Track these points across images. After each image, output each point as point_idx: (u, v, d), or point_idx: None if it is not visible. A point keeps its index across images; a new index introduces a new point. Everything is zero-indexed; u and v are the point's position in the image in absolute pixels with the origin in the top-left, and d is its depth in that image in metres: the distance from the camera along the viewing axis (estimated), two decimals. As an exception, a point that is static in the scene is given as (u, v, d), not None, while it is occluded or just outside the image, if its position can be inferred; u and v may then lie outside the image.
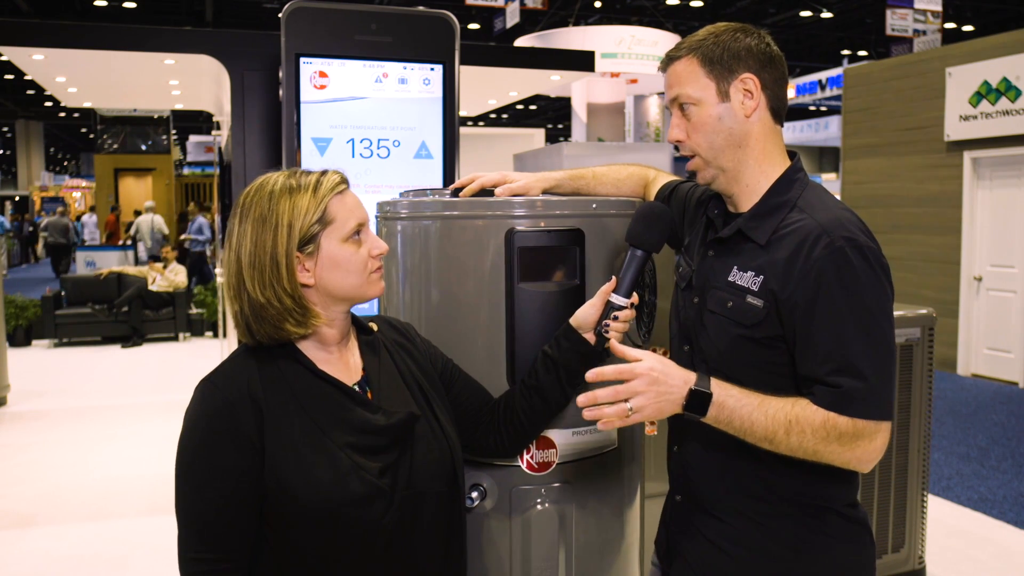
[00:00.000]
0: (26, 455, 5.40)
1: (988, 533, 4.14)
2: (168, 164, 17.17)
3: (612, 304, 1.46)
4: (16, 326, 9.20)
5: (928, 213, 8.25)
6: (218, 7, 16.93)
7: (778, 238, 1.37)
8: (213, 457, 1.24)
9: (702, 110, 1.42)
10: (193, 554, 1.24)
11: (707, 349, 1.44)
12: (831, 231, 1.32)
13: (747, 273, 1.39)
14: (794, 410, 1.29)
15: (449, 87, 3.25)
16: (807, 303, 1.31)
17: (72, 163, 40.52)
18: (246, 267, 1.28)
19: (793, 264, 1.33)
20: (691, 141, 1.45)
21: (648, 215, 1.50)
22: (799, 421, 1.28)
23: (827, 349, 1.30)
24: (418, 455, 1.34)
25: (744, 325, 1.38)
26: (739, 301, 1.38)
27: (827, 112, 24.20)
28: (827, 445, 1.28)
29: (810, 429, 1.28)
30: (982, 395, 7.10)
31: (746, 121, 1.42)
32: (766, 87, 1.42)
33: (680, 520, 1.54)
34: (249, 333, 1.31)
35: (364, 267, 1.33)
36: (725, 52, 1.41)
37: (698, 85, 1.42)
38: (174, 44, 5.46)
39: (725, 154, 1.43)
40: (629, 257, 1.48)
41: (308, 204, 1.29)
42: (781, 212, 1.40)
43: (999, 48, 7.55)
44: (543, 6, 13.04)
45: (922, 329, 3.16)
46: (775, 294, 1.34)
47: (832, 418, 1.28)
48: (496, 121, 26.02)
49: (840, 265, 1.30)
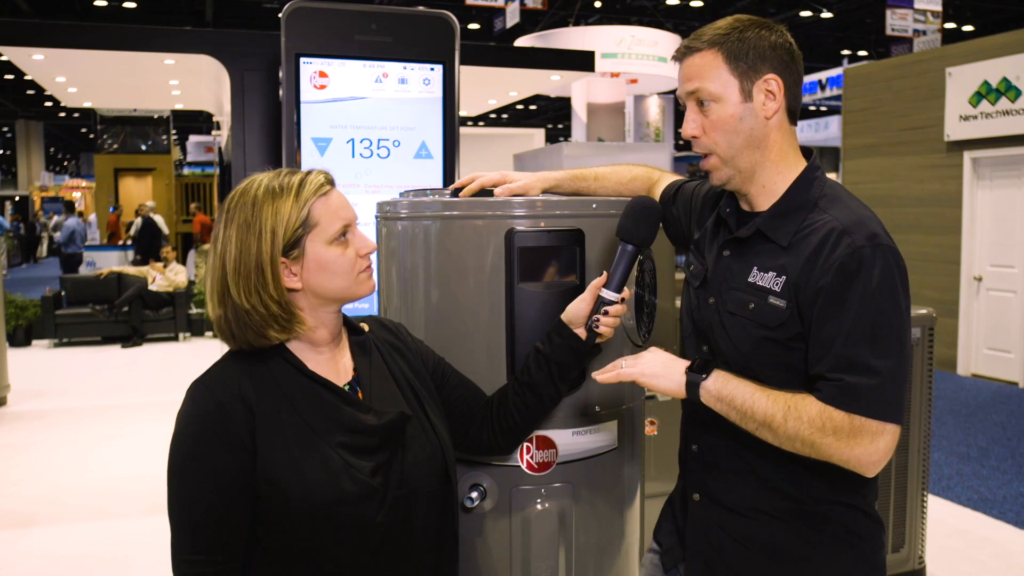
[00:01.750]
0: (26, 455, 5.40)
1: (988, 533, 4.14)
2: (168, 164, 17.15)
3: (603, 299, 1.46)
4: (16, 326, 9.20)
5: (928, 213, 8.25)
6: (218, 7, 16.92)
7: (800, 239, 1.35)
8: (205, 459, 1.24)
9: (723, 108, 1.38)
10: (186, 556, 1.24)
11: (727, 351, 1.42)
12: (853, 231, 1.31)
13: (768, 273, 1.37)
14: (794, 398, 1.29)
15: (449, 87, 3.25)
16: (823, 299, 1.30)
17: (72, 163, 40.51)
18: (231, 273, 1.27)
19: (814, 261, 1.32)
20: (708, 139, 1.41)
21: (637, 210, 1.49)
22: (796, 408, 1.28)
23: (835, 346, 1.29)
24: (410, 455, 1.34)
25: (767, 327, 1.36)
26: (761, 302, 1.37)
27: (827, 112, 24.19)
28: (823, 437, 1.26)
29: (806, 417, 1.27)
30: (982, 395, 7.10)
31: (766, 123, 1.39)
32: (788, 88, 1.40)
33: (700, 519, 1.52)
34: (231, 338, 1.30)
35: (352, 268, 1.33)
36: (751, 50, 1.37)
37: (720, 81, 1.38)
38: (174, 44, 5.46)
39: (743, 155, 1.40)
40: (620, 252, 1.48)
41: (291, 208, 1.28)
42: (802, 212, 1.38)
43: (999, 48, 7.55)
44: (543, 6, 13.04)
45: (922, 329, 3.16)
46: (796, 290, 1.33)
47: (828, 410, 1.27)
48: (496, 121, 26.01)
49: (860, 264, 1.28)
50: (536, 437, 1.59)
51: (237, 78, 4.02)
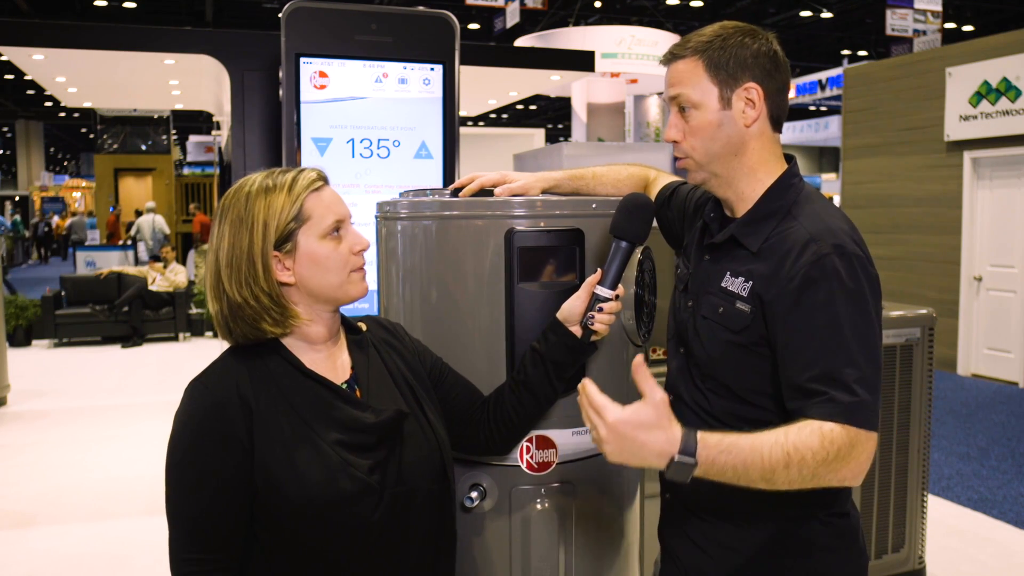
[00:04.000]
0: (26, 455, 5.40)
1: (988, 533, 4.14)
2: (168, 164, 17.16)
3: (597, 296, 1.47)
4: (16, 326, 9.21)
5: (928, 213, 8.25)
6: (218, 7, 16.93)
7: (770, 246, 1.36)
8: (203, 458, 1.25)
9: (702, 115, 1.40)
10: (184, 554, 1.25)
11: (699, 354, 1.43)
12: (820, 238, 1.31)
13: (738, 279, 1.38)
14: (789, 439, 1.21)
15: (449, 87, 3.25)
16: (789, 308, 1.29)
17: (72, 163, 40.53)
18: (224, 267, 1.29)
19: (779, 269, 1.32)
20: (686, 143, 1.43)
21: (630, 206, 1.50)
22: (797, 449, 1.20)
23: (809, 356, 1.27)
24: (407, 453, 1.34)
25: (733, 331, 1.37)
26: (729, 307, 1.38)
27: (827, 112, 24.21)
28: (827, 465, 1.21)
29: (810, 453, 1.20)
30: (982, 395, 7.10)
31: (746, 131, 1.40)
32: (768, 97, 1.40)
33: (669, 519, 1.55)
34: (228, 332, 1.32)
35: (344, 264, 1.33)
36: (731, 59, 1.38)
37: (700, 89, 1.40)
38: (174, 44, 5.47)
39: (720, 160, 1.42)
40: (613, 249, 1.49)
41: (283, 202, 1.29)
42: (774, 219, 1.39)
43: (999, 48, 7.55)
44: (543, 6, 13.04)
45: (922, 329, 3.16)
46: (760, 297, 1.33)
47: (827, 433, 1.21)
48: (496, 121, 26.02)
49: (825, 273, 1.28)
50: (536, 437, 1.60)
51: (237, 78, 4.02)
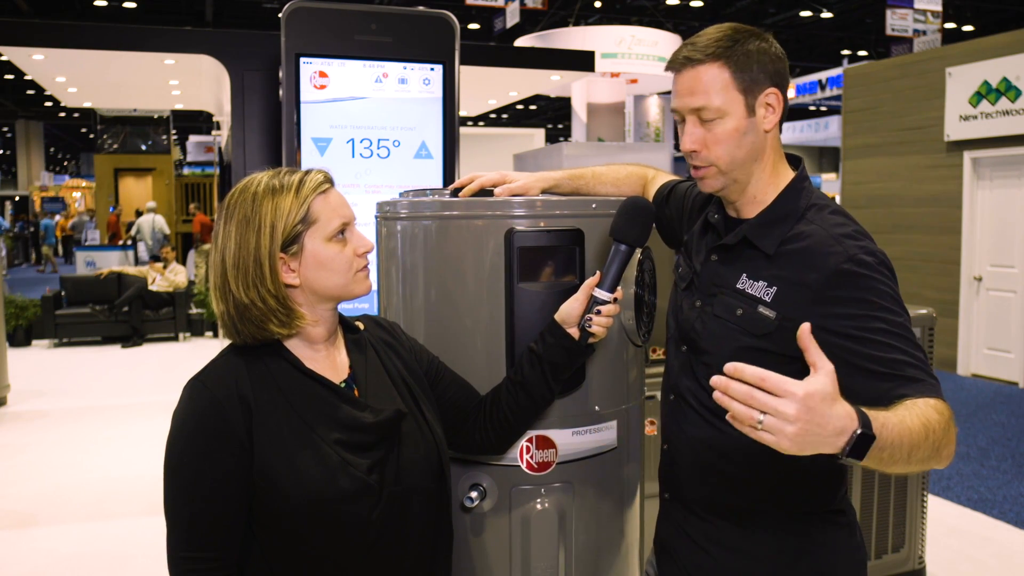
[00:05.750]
0: (26, 455, 5.41)
1: (988, 533, 4.14)
2: (168, 164, 17.16)
3: (596, 298, 1.47)
4: (16, 326, 9.20)
5: (928, 213, 8.25)
6: (218, 7, 16.92)
7: (786, 249, 1.35)
8: (202, 456, 1.25)
9: (727, 123, 1.36)
10: (182, 553, 1.25)
11: (712, 352, 1.42)
12: (847, 240, 1.31)
13: (759, 283, 1.36)
14: (917, 411, 1.14)
15: (449, 87, 3.25)
16: (832, 308, 1.27)
17: (72, 163, 40.50)
18: (230, 268, 1.29)
19: (808, 273, 1.30)
20: (710, 153, 1.38)
21: (630, 209, 1.49)
22: (929, 421, 1.14)
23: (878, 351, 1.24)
24: (405, 452, 1.35)
25: (754, 335, 1.35)
26: (750, 310, 1.36)
27: (827, 112, 24.20)
28: (946, 436, 1.15)
29: (937, 425, 1.14)
30: (982, 395, 7.10)
31: (765, 135, 1.40)
32: (784, 100, 1.40)
33: (667, 517, 1.56)
34: (235, 333, 1.32)
35: (349, 266, 1.34)
36: (755, 64, 1.36)
37: (727, 97, 1.35)
38: (174, 44, 5.47)
39: (743, 167, 1.40)
40: (613, 251, 1.49)
41: (291, 204, 1.29)
42: (788, 222, 1.38)
43: (999, 48, 7.55)
44: (543, 6, 13.03)
45: (922, 329, 3.16)
46: (790, 303, 1.31)
47: (936, 406, 1.17)
48: (496, 121, 26.01)
49: (863, 272, 1.28)
50: (536, 437, 1.60)
51: (237, 78, 4.02)
